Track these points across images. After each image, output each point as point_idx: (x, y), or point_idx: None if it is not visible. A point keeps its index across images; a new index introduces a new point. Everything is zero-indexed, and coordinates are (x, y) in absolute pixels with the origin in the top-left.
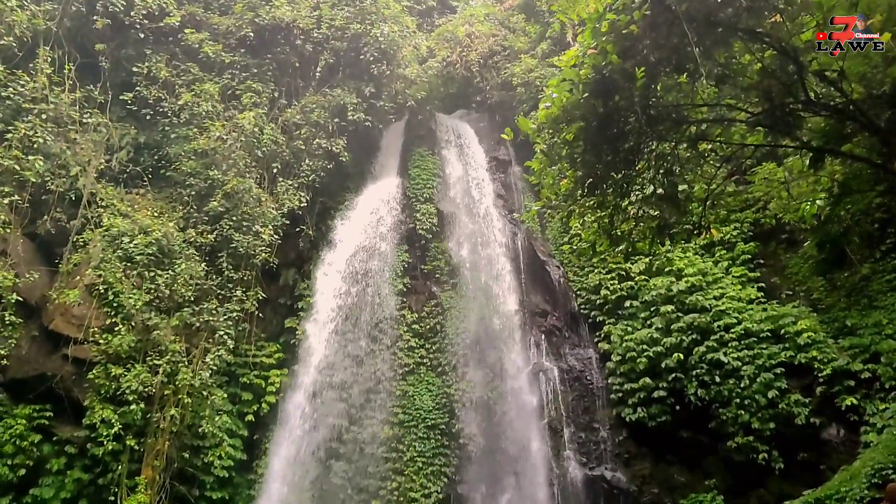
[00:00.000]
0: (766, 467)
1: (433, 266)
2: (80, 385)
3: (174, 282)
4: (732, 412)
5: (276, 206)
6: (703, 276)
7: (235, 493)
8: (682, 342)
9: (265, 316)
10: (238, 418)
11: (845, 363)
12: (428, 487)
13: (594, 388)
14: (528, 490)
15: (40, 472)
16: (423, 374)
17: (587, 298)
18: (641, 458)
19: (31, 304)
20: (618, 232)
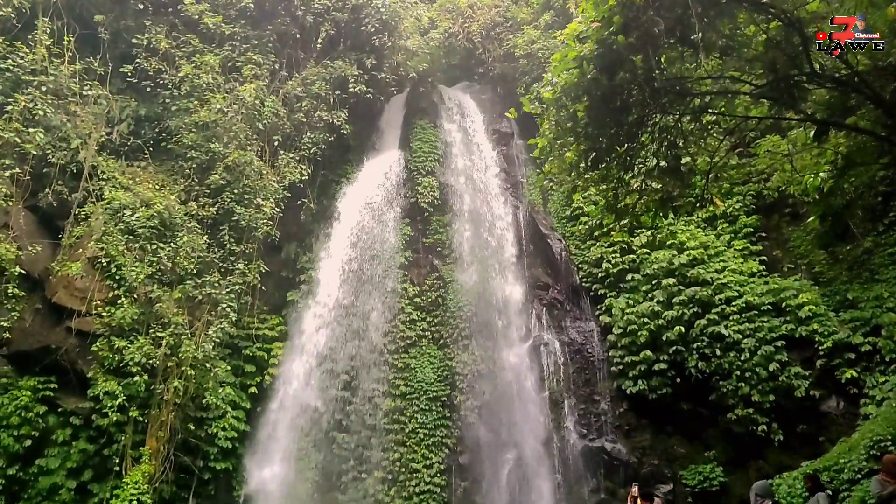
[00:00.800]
0: (765, 439)
1: (434, 239)
2: (84, 357)
3: (176, 255)
4: (733, 384)
5: (278, 179)
6: (704, 249)
7: (239, 464)
8: (683, 315)
9: (267, 289)
10: (241, 390)
11: (846, 336)
12: (430, 458)
13: (595, 361)
14: (529, 461)
15: (46, 442)
16: (424, 347)
17: (589, 272)
18: (641, 430)
19: (34, 277)
20: (622, 206)
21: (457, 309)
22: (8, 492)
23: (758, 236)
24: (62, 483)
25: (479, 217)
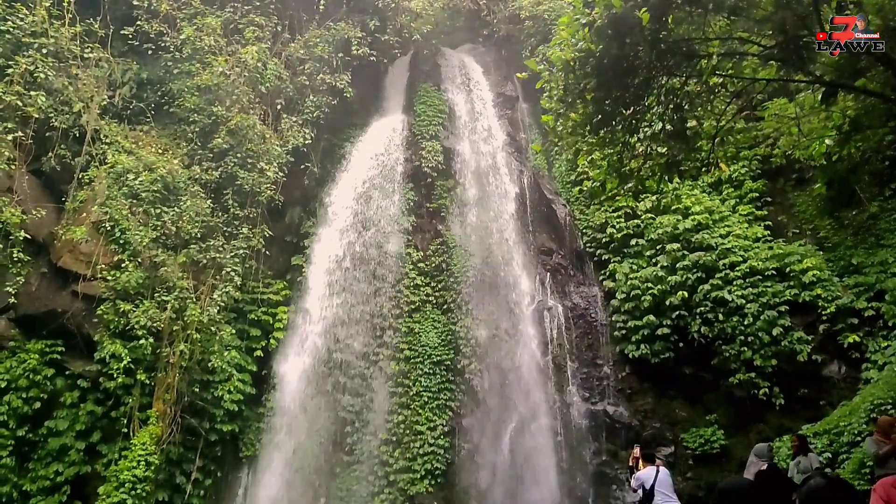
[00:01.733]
0: (766, 402)
1: (438, 204)
2: (90, 321)
3: (180, 219)
4: (735, 349)
5: (281, 143)
6: (709, 214)
7: (245, 426)
8: (686, 280)
9: (271, 253)
10: (246, 354)
11: (849, 301)
12: (433, 421)
13: (598, 326)
14: (532, 424)
15: (54, 404)
16: (428, 312)
17: (593, 237)
18: (643, 394)
19: (39, 242)
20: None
21: (461, 274)
22: (18, 452)
23: (763, 201)
24: (71, 444)
25: (483, 181)
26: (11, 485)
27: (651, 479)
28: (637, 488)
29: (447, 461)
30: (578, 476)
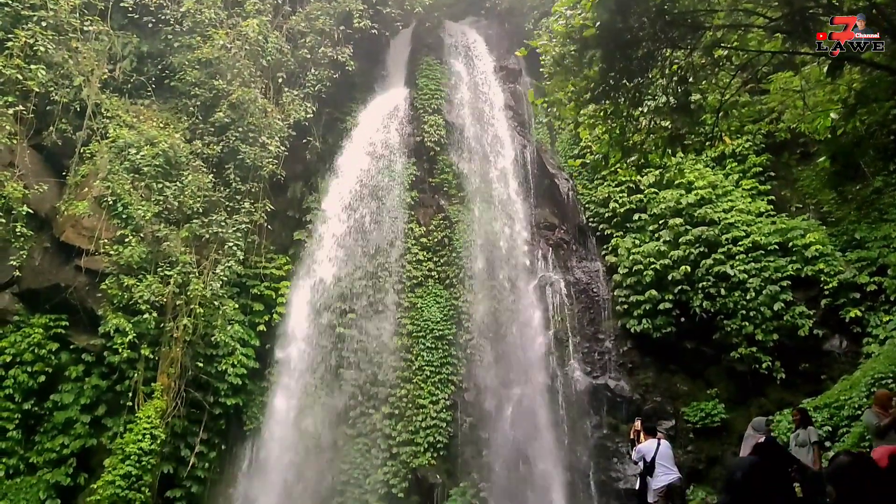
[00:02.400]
0: (767, 377)
1: (441, 179)
2: (94, 295)
3: (182, 193)
4: (737, 324)
5: (282, 118)
6: (713, 188)
7: (249, 400)
8: (689, 255)
9: (274, 228)
10: (249, 328)
11: (851, 276)
12: (436, 394)
13: (600, 301)
14: (534, 398)
15: (59, 378)
16: (430, 287)
17: (595, 211)
18: (645, 368)
19: (42, 216)
20: (629, 143)
21: (463, 249)
22: (24, 425)
23: (767, 176)
24: (76, 417)
25: (485, 156)
26: (18, 457)
27: (652, 452)
28: (638, 460)
29: (449, 434)
30: (579, 449)
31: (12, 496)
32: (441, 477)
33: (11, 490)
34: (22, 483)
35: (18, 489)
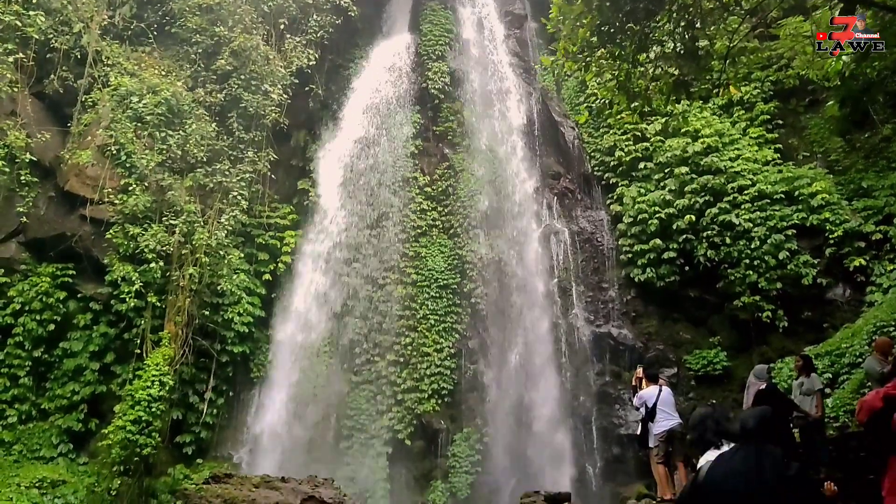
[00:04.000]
0: (769, 325)
1: (445, 127)
2: (100, 244)
3: (185, 142)
4: (741, 272)
5: (285, 65)
6: (719, 137)
7: (256, 348)
8: (694, 204)
9: (277, 178)
10: (255, 277)
11: (857, 225)
12: (440, 343)
13: (604, 250)
14: (537, 346)
15: (68, 326)
16: (435, 237)
17: (601, 160)
18: (648, 317)
19: (45, 165)
20: (635, 88)
21: (467, 198)
22: (35, 372)
23: (774, 124)
24: (86, 365)
25: (490, 104)
26: (30, 403)
27: (654, 398)
28: (640, 406)
29: (453, 381)
30: (582, 396)
31: (26, 441)
32: (445, 423)
33: (25, 435)
34: (35, 428)
35: (32, 434)
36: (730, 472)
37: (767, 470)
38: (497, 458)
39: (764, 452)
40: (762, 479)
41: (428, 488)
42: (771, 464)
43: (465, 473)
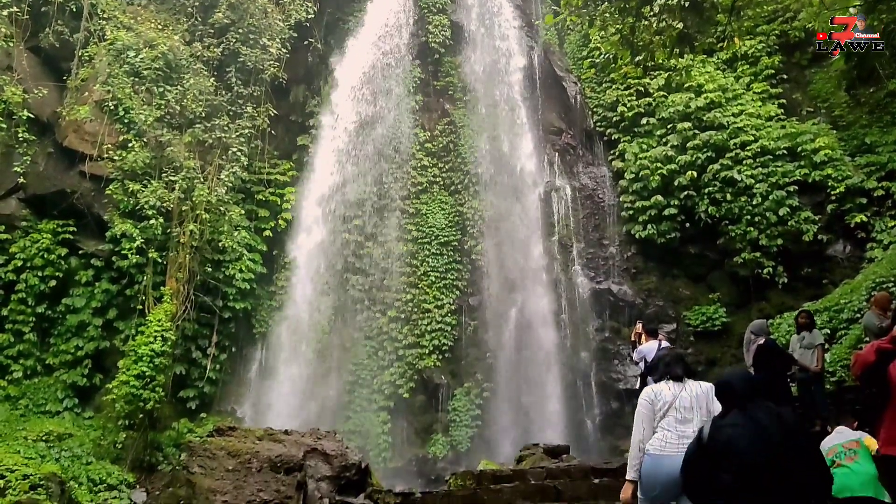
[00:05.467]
0: (769, 281)
1: (446, 82)
2: (100, 201)
3: (184, 97)
4: (741, 229)
5: (283, 18)
6: (722, 92)
7: (258, 304)
8: (696, 160)
9: (277, 133)
10: (256, 234)
11: (859, 181)
12: (441, 299)
13: (605, 206)
14: (537, 302)
15: (70, 283)
16: (435, 193)
17: (603, 115)
18: (648, 273)
19: (43, 121)
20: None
21: (468, 154)
22: (39, 328)
23: (778, 79)
24: (89, 321)
25: (491, 58)
26: (35, 359)
27: (653, 353)
28: (639, 361)
29: (454, 337)
30: (581, 351)
31: (31, 395)
32: (446, 378)
33: (30, 389)
34: (40, 383)
35: (37, 389)
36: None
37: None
38: (497, 412)
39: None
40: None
41: (429, 441)
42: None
43: (466, 427)
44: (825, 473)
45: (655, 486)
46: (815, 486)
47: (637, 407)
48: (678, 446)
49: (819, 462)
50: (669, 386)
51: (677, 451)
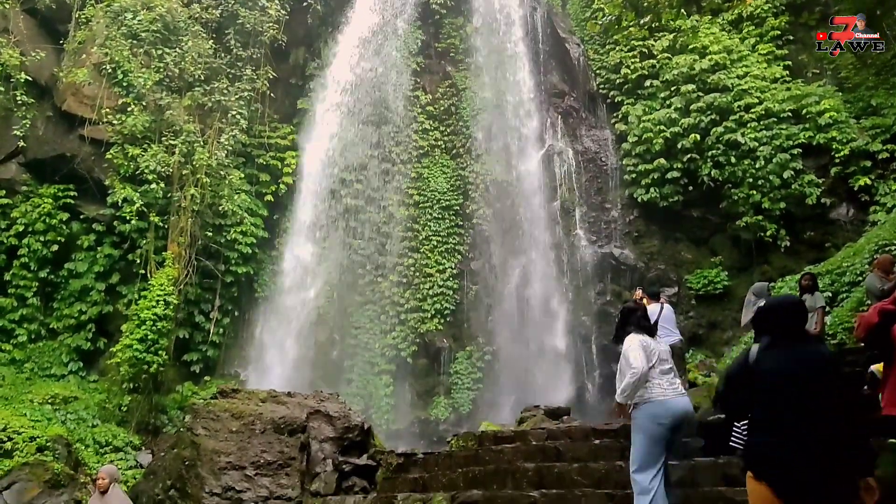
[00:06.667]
0: (771, 245)
1: (447, 44)
2: (100, 165)
3: (182, 60)
4: (744, 192)
5: None
6: (727, 53)
7: (260, 269)
8: (700, 122)
9: (277, 96)
10: (257, 198)
11: (864, 143)
12: (442, 264)
13: (608, 170)
14: (539, 266)
15: (72, 247)
16: (437, 157)
17: (606, 78)
18: (650, 237)
19: (41, 85)
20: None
21: (470, 118)
22: (42, 293)
23: (784, 40)
24: (92, 285)
25: (493, 19)
26: (39, 323)
27: (655, 315)
28: None
29: (456, 301)
30: (583, 315)
31: (36, 359)
32: (447, 341)
33: (35, 353)
34: (45, 347)
35: (42, 353)
36: (785, 359)
37: (820, 359)
38: (498, 375)
39: (816, 347)
40: (816, 367)
41: (431, 404)
42: (826, 358)
43: (467, 390)
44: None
45: (667, 418)
46: (841, 424)
47: (630, 349)
48: (675, 391)
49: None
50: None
51: (675, 395)
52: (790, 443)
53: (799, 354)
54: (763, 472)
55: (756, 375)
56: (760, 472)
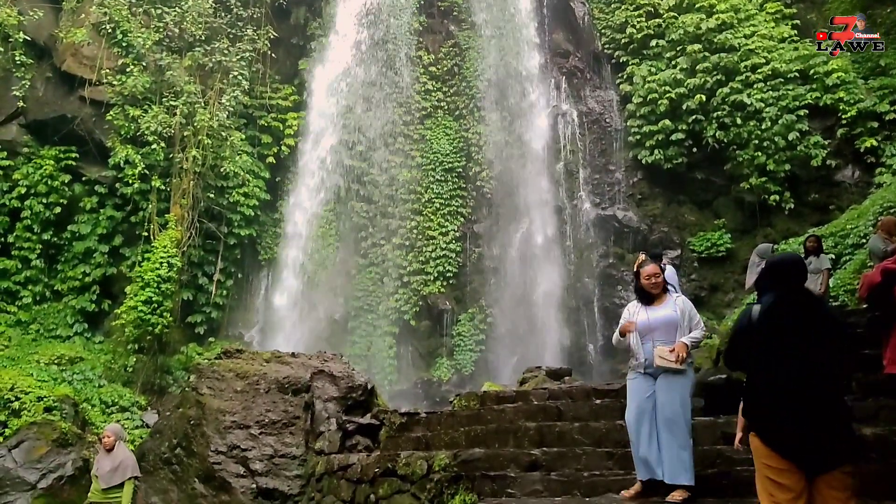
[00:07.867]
0: (775, 207)
1: (450, 3)
2: (101, 126)
3: (182, 19)
4: (749, 154)
5: None
6: (735, 12)
7: (263, 231)
8: (705, 83)
9: (278, 57)
10: (259, 160)
11: (871, 104)
12: (445, 226)
13: (612, 131)
14: (542, 228)
15: (75, 210)
16: (440, 118)
17: (612, 37)
18: (654, 199)
19: (40, 45)
20: None
21: (473, 78)
22: (46, 255)
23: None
24: (95, 247)
25: None
26: (43, 285)
27: None
28: None
29: (459, 264)
30: (585, 277)
31: (42, 320)
32: (450, 303)
33: (40, 315)
34: (50, 308)
35: (47, 314)
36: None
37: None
38: (500, 337)
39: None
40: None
41: (433, 365)
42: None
43: (470, 351)
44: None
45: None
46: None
47: None
48: None
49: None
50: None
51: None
52: (791, 402)
53: (801, 311)
54: (765, 430)
55: (757, 334)
56: (762, 431)
